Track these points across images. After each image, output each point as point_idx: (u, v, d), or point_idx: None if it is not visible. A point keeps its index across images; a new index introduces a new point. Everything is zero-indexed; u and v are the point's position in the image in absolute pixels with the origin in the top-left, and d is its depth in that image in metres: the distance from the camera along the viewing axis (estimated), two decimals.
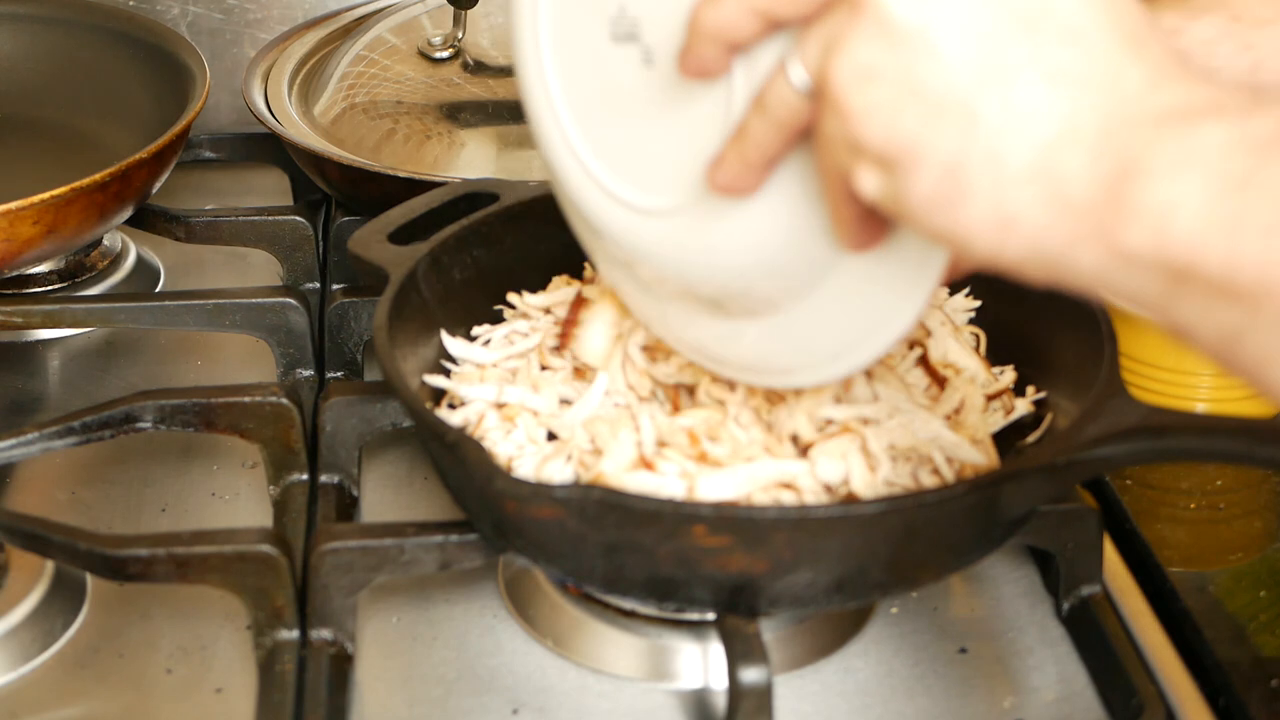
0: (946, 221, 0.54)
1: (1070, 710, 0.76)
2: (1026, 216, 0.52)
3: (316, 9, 1.29)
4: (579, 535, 0.69)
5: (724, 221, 0.65)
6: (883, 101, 0.54)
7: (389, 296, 0.80)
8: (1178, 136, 0.50)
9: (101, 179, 0.98)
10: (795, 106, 0.58)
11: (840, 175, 0.58)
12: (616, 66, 0.66)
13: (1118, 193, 0.50)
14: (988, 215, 0.53)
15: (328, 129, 1.12)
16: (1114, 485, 0.88)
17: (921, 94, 0.53)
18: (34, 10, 1.22)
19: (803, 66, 0.57)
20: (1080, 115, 0.52)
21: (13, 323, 0.99)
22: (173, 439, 0.93)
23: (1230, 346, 0.49)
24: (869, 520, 0.68)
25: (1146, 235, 0.50)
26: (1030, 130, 0.52)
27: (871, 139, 0.54)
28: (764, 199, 0.63)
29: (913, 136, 0.53)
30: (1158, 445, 0.70)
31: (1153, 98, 0.52)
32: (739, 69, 0.61)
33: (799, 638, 0.78)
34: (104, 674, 0.78)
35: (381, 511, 0.88)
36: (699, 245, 0.67)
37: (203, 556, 0.75)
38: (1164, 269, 0.50)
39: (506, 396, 0.79)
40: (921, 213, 0.55)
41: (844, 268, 0.64)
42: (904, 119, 0.53)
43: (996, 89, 0.52)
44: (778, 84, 0.58)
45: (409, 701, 0.76)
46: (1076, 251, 0.52)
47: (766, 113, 0.59)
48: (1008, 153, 0.52)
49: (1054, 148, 0.52)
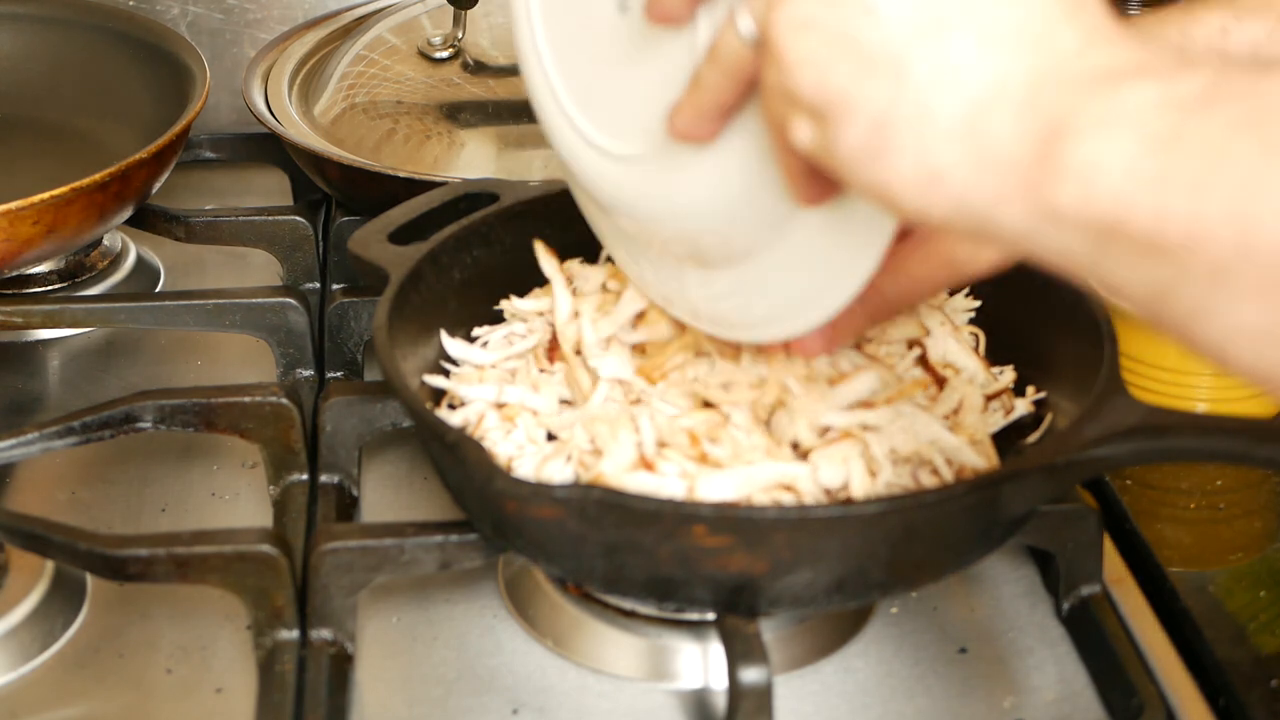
0: (873, 175, 0.55)
1: (1070, 710, 0.76)
2: (953, 173, 0.53)
3: (316, 9, 1.29)
4: (579, 535, 0.69)
5: (685, 169, 0.66)
6: (816, 52, 0.55)
7: (389, 296, 0.80)
8: (1106, 96, 0.50)
9: (101, 179, 0.98)
10: (742, 56, 0.59)
11: (779, 124, 0.59)
12: (595, 11, 0.68)
13: (1045, 151, 0.51)
14: (914, 170, 0.53)
15: (328, 129, 1.12)
16: (1114, 485, 0.88)
17: (855, 47, 0.54)
18: (34, 10, 1.22)
19: (749, 16, 0.58)
20: (1010, 74, 0.52)
21: (13, 323, 0.99)
22: (173, 439, 0.93)
23: (1159, 303, 0.49)
24: (869, 520, 0.68)
25: (1073, 193, 0.50)
26: (959, 87, 0.53)
27: (804, 89, 0.55)
28: (721, 148, 0.64)
29: (843, 88, 0.54)
30: (1158, 445, 0.70)
31: (1084, 58, 0.52)
32: (703, 18, 0.62)
33: (799, 638, 0.78)
34: (104, 674, 0.78)
35: (381, 511, 0.88)
36: (664, 191, 0.68)
37: (203, 556, 0.75)
38: (1091, 226, 0.50)
39: (506, 396, 0.79)
40: (850, 165, 0.55)
41: (802, 221, 0.65)
42: (836, 71, 0.54)
43: (929, 45, 0.53)
44: (727, 34, 0.60)
45: (409, 701, 0.76)
46: (1003, 209, 0.52)
47: (718, 62, 0.61)
48: (936, 108, 0.53)
49: (982, 105, 0.52)
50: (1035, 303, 0.80)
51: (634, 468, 0.74)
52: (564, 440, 0.77)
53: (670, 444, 0.75)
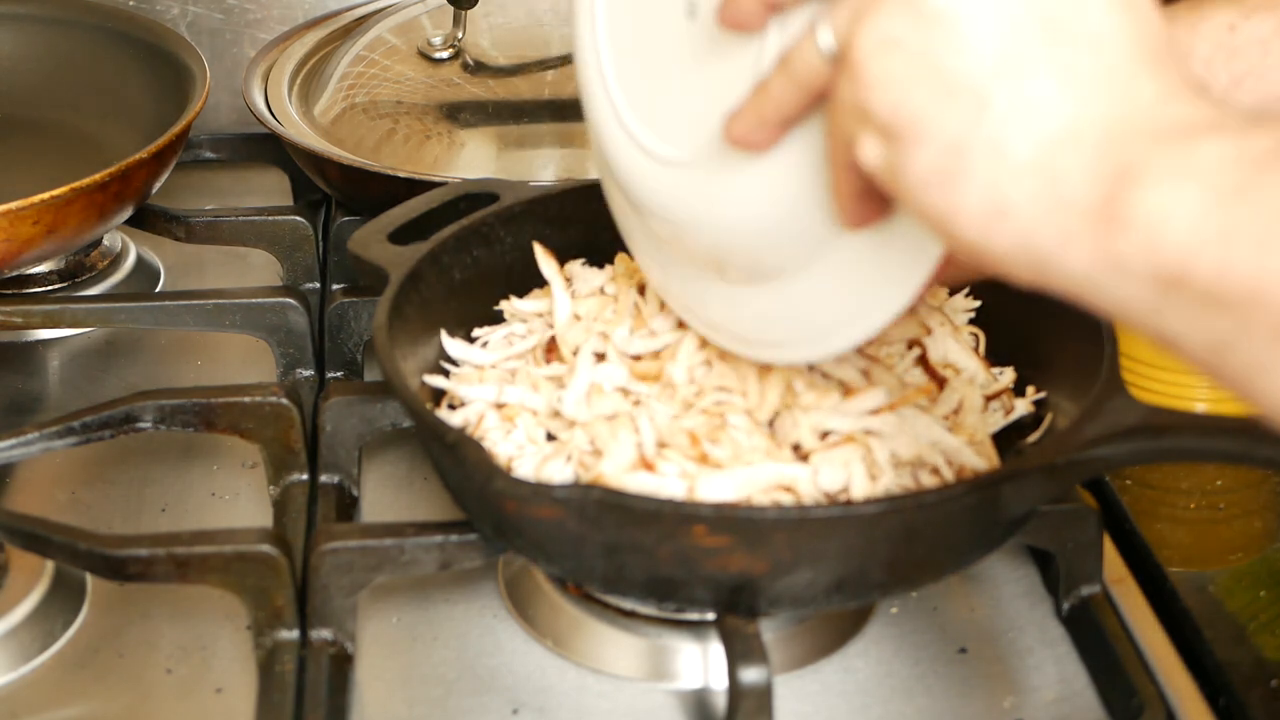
0: (938, 201, 0.55)
1: (1070, 710, 0.76)
2: (1019, 209, 0.53)
3: (316, 9, 1.29)
4: (579, 535, 0.69)
5: (732, 177, 0.66)
6: (897, 72, 0.55)
7: (389, 296, 0.80)
8: (1178, 149, 0.50)
9: (101, 179, 0.98)
10: (817, 68, 0.59)
11: (845, 141, 0.58)
12: (662, 14, 0.68)
13: (1113, 197, 0.51)
14: (981, 202, 0.54)
15: (328, 129, 1.12)
16: (1114, 485, 0.88)
17: (937, 72, 0.54)
18: (34, 10, 1.22)
19: (830, 31, 0.58)
20: (1087, 117, 0.52)
21: (13, 323, 0.99)
22: (173, 439, 0.93)
23: (1219, 356, 0.50)
24: (869, 521, 0.68)
25: (1139, 241, 0.50)
26: (1036, 124, 0.53)
27: (880, 107, 0.55)
28: (773, 160, 0.64)
29: (920, 111, 0.54)
30: (1158, 445, 0.70)
31: (1161, 111, 0.52)
32: (773, 28, 0.62)
33: (799, 638, 0.78)
34: (104, 674, 0.78)
35: (381, 511, 0.88)
36: (707, 199, 0.68)
37: (203, 556, 0.75)
38: (1155, 276, 0.50)
39: (506, 396, 0.79)
40: (916, 189, 0.55)
41: (841, 245, 0.65)
42: (915, 93, 0.54)
43: (1010, 80, 0.53)
44: (804, 45, 0.60)
45: (409, 701, 0.76)
46: (1066, 252, 0.52)
47: (789, 72, 0.60)
48: (1010, 143, 0.53)
49: (1056, 144, 0.52)
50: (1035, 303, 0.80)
51: (634, 468, 0.74)
52: (564, 440, 0.77)
53: (670, 444, 0.75)
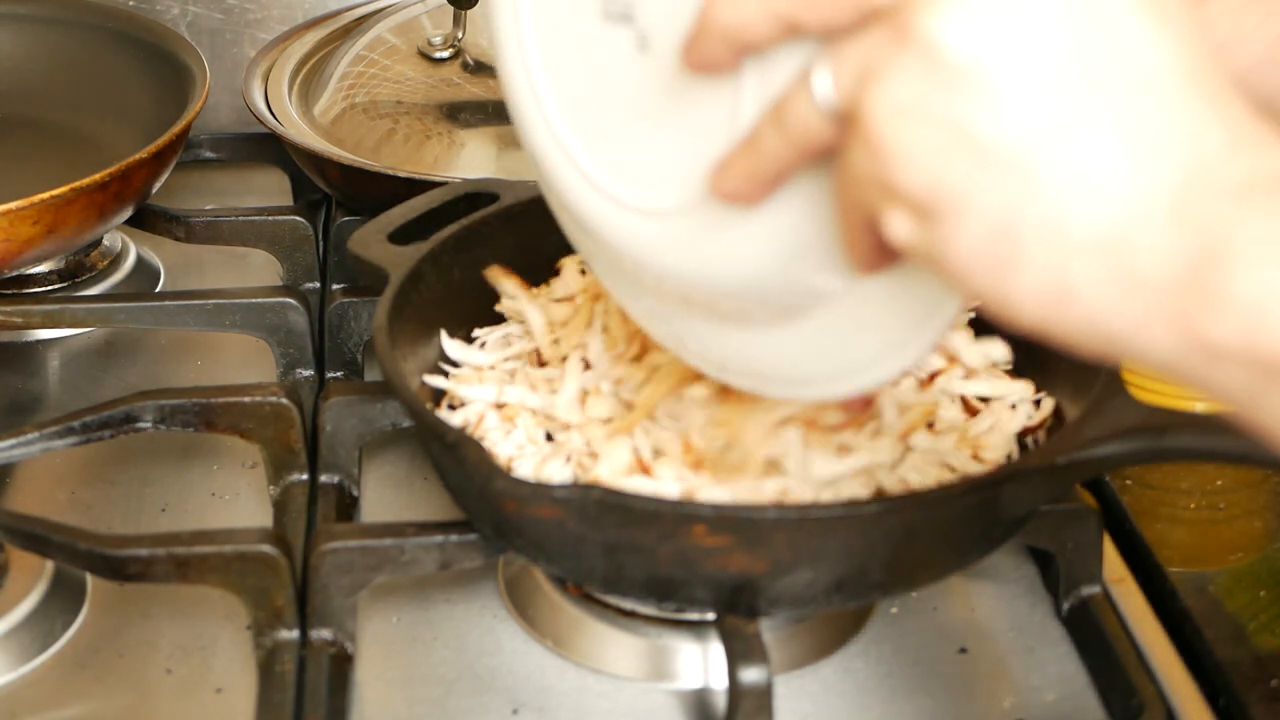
0: (991, 284, 0.49)
1: (1070, 710, 0.76)
2: (1089, 291, 0.47)
3: (316, 9, 1.29)
4: (579, 535, 0.69)
5: (722, 229, 0.60)
6: (927, 145, 0.48)
7: (389, 296, 0.80)
8: (1265, 211, 0.45)
9: (101, 179, 0.98)
10: (817, 127, 0.52)
11: (863, 211, 0.52)
12: (607, 51, 0.61)
13: (1201, 277, 0.45)
14: (1041, 285, 0.48)
15: (328, 129, 1.12)
16: (1114, 485, 0.88)
17: (973, 141, 0.48)
18: (34, 10, 1.22)
19: (830, 83, 0.51)
20: (1156, 181, 0.47)
21: (13, 323, 0.99)
22: (173, 439, 0.93)
23: None
24: (869, 520, 0.68)
25: (1236, 328, 0.45)
26: (1098, 195, 0.47)
27: (911, 185, 0.49)
28: (771, 210, 0.58)
29: (960, 189, 0.48)
30: (1158, 445, 0.70)
31: (1235, 164, 0.47)
32: (750, 69, 0.56)
33: (799, 638, 0.78)
34: (104, 674, 0.78)
35: (381, 511, 0.88)
36: (694, 250, 0.62)
37: (203, 556, 0.75)
38: (1254, 364, 0.45)
39: (506, 397, 0.79)
40: (962, 270, 0.49)
41: (855, 288, 0.59)
42: (951, 167, 0.48)
43: (1060, 144, 0.47)
44: (799, 100, 0.53)
45: (409, 701, 0.76)
46: (1148, 334, 0.47)
47: (784, 128, 0.54)
48: (1071, 219, 0.47)
49: (1125, 217, 0.47)
50: None
51: (630, 472, 0.74)
52: (561, 441, 0.77)
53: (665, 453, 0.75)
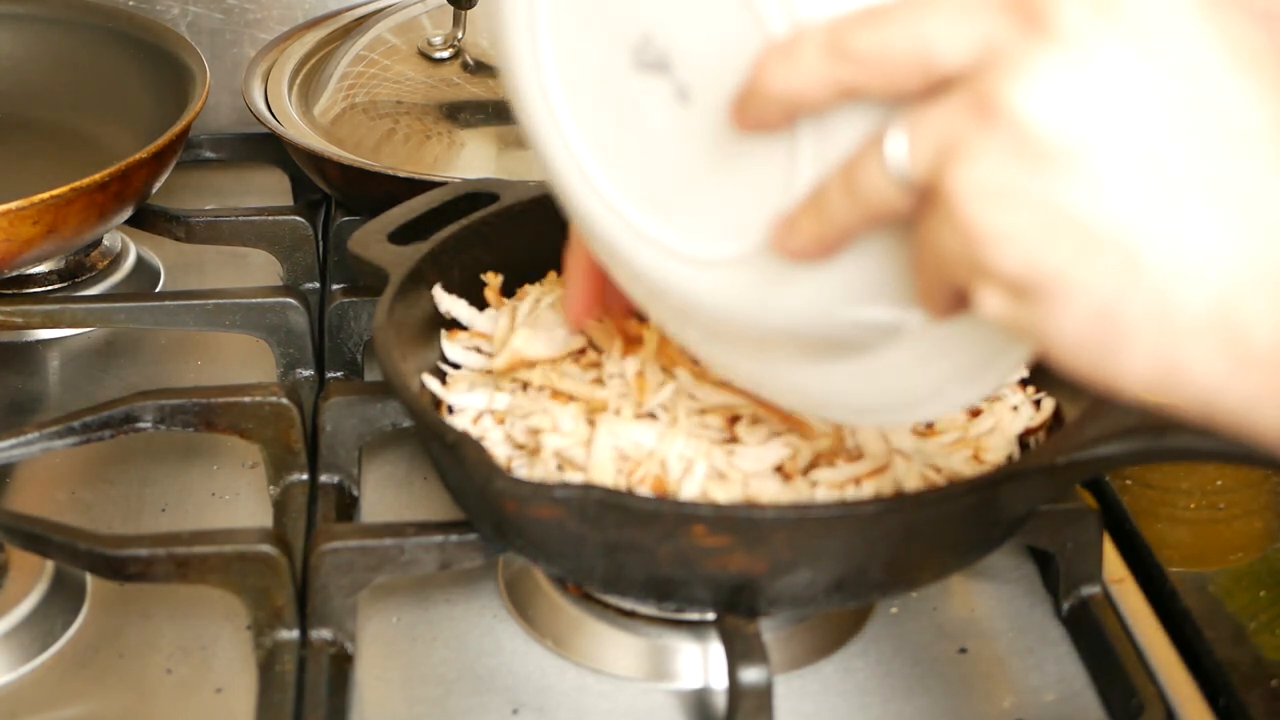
0: (1096, 364, 0.48)
1: (1070, 710, 0.76)
2: (1200, 369, 0.46)
3: (316, 9, 1.29)
4: (579, 535, 0.69)
5: (789, 278, 0.57)
6: (1022, 228, 0.46)
7: (389, 296, 0.80)
8: None
9: (101, 179, 0.98)
10: (891, 197, 0.50)
11: (948, 283, 0.50)
12: (642, 100, 0.58)
13: None
14: (1149, 365, 0.47)
15: (328, 129, 1.12)
16: (1114, 485, 0.88)
17: (1071, 223, 0.46)
18: (34, 10, 1.22)
19: (907, 156, 0.49)
20: (1260, 248, 0.45)
21: (13, 323, 0.99)
22: (173, 439, 0.93)
23: None
24: (869, 520, 0.68)
25: None
26: (1205, 270, 0.45)
27: (1006, 268, 0.47)
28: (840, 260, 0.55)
29: (1059, 271, 0.46)
30: (1158, 445, 0.70)
31: None
32: (806, 129, 0.53)
33: (799, 638, 0.78)
34: (104, 674, 0.78)
35: (381, 511, 0.88)
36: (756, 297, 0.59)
37: (203, 556, 0.75)
38: None
39: (497, 404, 0.79)
40: (1063, 351, 0.48)
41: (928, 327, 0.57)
42: (1049, 250, 0.46)
43: (1163, 219, 0.45)
44: (870, 167, 0.50)
45: (409, 701, 0.76)
46: (1263, 409, 0.46)
47: (853, 193, 0.51)
48: (1178, 299, 0.45)
49: (1234, 291, 0.45)
50: None
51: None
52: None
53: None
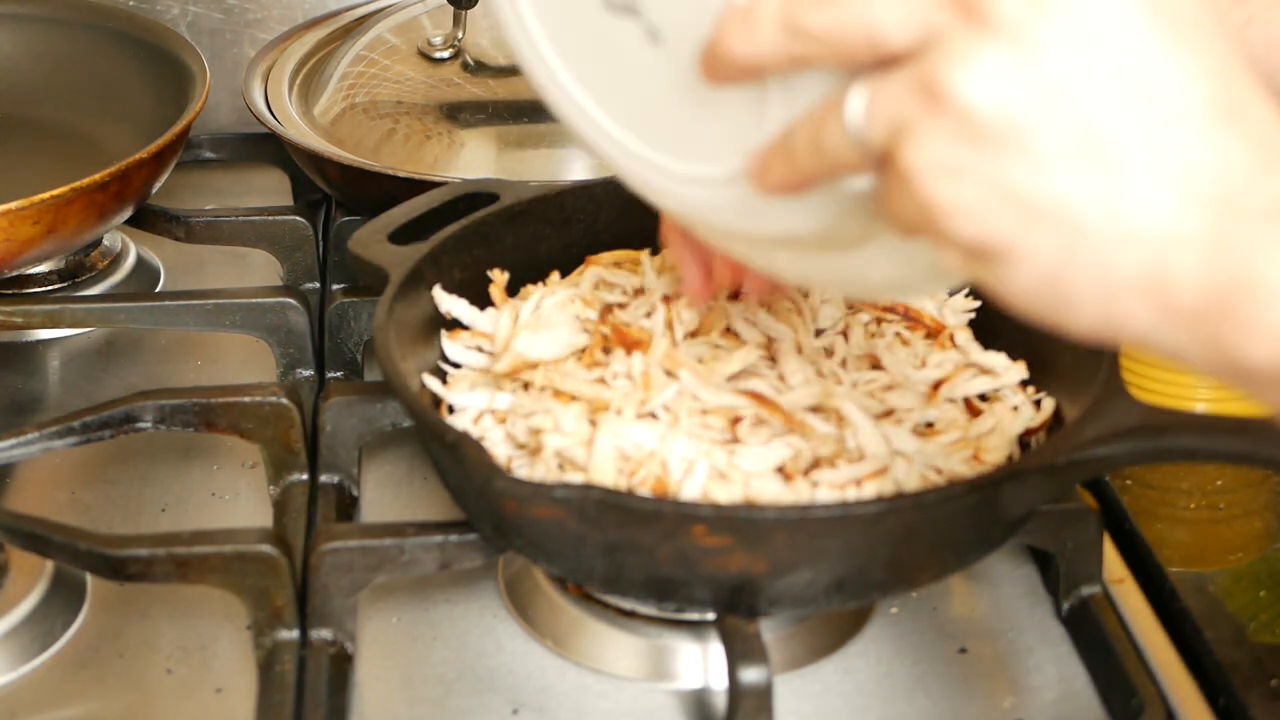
0: (1047, 315, 0.52)
1: (1070, 710, 0.76)
2: (1135, 321, 0.50)
3: (316, 9, 1.29)
4: (579, 535, 0.69)
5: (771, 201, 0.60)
6: (972, 202, 0.50)
7: (389, 296, 0.80)
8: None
9: (101, 179, 0.98)
10: (850, 155, 0.53)
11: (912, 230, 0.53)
12: (619, 40, 0.62)
13: (1232, 306, 0.48)
14: (1094, 319, 0.51)
15: (328, 129, 1.12)
16: (1114, 485, 0.88)
17: (1016, 199, 0.49)
18: (34, 10, 1.22)
19: (863, 122, 0.52)
20: (1188, 212, 0.48)
21: (13, 323, 0.99)
22: (173, 439, 0.93)
23: None
24: (869, 520, 0.68)
25: (1267, 353, 0.48)
26: (1137, 236, 0.49)
27: (960, 236, 0.51)
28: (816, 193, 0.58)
29: (1007, 240, 0.50)
30: (1158, 445, 0.70)
31: (1262, 185, 0.48)
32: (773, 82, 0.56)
33: (799, 638, 0.78)
34: (104, 674, 0.78)
35: (381, 511, 0.88)
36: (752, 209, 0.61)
37: (203, 556, 0.75)
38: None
39: (498, 404, 0.79)
40: (1018, 304, 0.52)
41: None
42: (996, 222, 0.50)
43: (1100, 191, 0.49)
44: (831, 126, 0.53)
45: (409, 701, 0.76)
46: (1190, 353, 0.50)
47: (815, 144, 0.54)
48: (1114, 262, 0.49)
49: (1162, 256, 0.49)
50: None
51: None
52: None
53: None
